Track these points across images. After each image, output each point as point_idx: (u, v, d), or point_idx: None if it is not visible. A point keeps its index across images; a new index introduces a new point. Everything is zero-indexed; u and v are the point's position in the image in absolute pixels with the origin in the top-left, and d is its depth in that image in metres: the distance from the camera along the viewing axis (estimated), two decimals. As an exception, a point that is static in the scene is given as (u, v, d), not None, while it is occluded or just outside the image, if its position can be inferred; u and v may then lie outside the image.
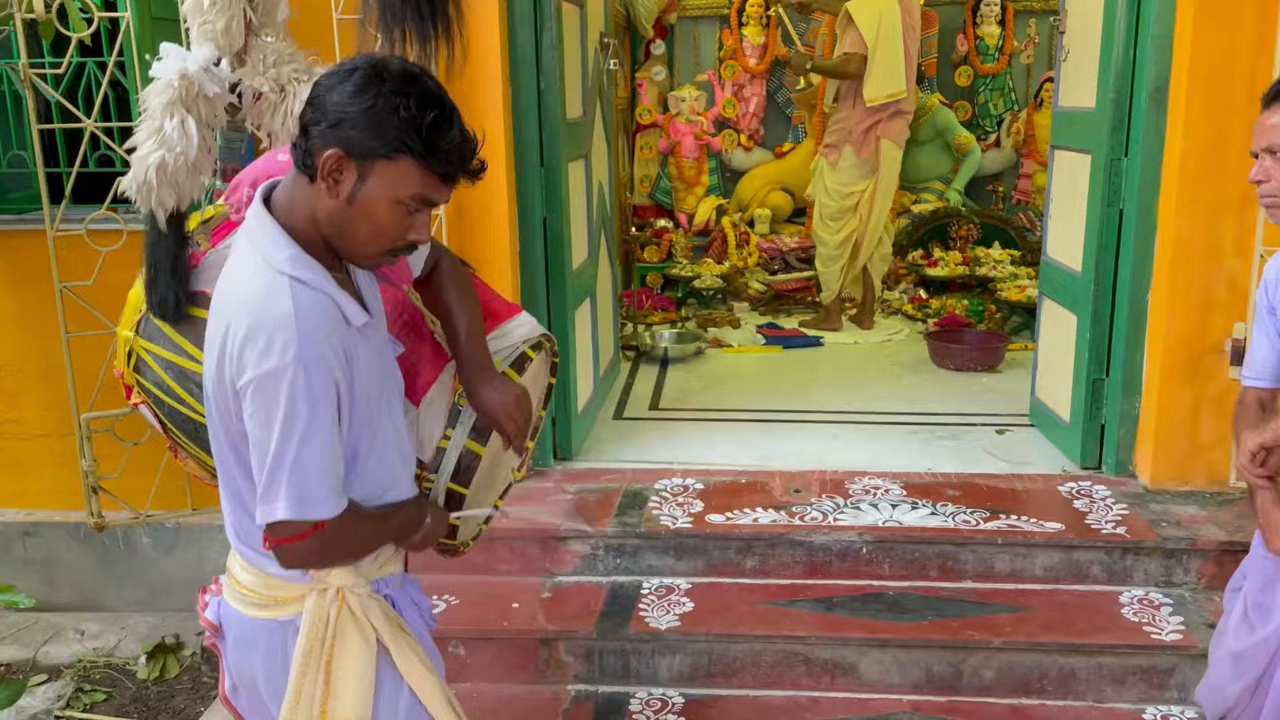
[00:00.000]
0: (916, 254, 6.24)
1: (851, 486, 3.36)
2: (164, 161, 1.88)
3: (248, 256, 1.44)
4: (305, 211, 1.44)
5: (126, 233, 3.08)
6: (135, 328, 1.88)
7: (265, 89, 2.07)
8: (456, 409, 1.74)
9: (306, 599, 1.55)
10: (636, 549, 3.10)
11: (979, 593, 2.98)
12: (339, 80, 1.38)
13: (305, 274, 1.41)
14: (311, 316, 1.38)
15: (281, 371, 1.35)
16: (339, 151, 1.37)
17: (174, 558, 3.62)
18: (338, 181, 1.39)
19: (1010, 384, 4.50)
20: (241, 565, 1.59)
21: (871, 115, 5.07)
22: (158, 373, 1.86)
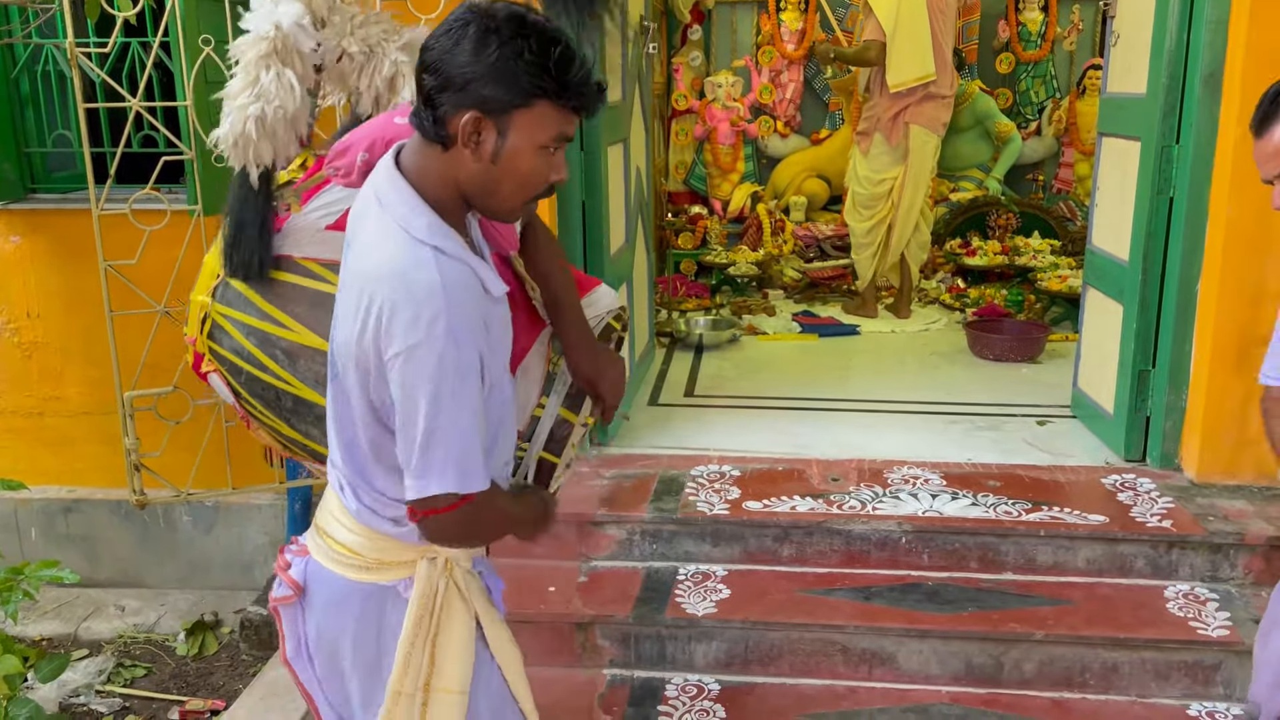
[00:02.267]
0: (955, 243, 6.17)
1: (890, 476, 3.33)
2: (263, 114, 1.83)
3: (382, 223, 1.40)
4: (439, 178, 1.41)
5: (170, 212, 3.10)
6: (212, 293, 1.85)
7: (354, 49, 2.02)
8: (550, 375, 1.70)
9: (418, 565, 1.54)
10: (673, 535, 3.10)
11: (1020, 585, 2.94)
12: (453, 40, 1.34)
13: (445, 243, 1.38)
14: (457, 288, 1.36)
15: (431, 344, 1.33)
16: (476, 113, 1.34)
17: (213, 536, 3.65)
18: (479, 144, 1.36)
19: (1051, 375, 4.45)
20: (347, 526, 1.56)
21: (898, 101, 5.00)
22: (237, 339, 1.82)
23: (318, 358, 1.83)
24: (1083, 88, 6.40)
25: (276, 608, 1.67)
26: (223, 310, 1.84)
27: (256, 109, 1.83)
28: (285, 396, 1.83)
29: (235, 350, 1.83)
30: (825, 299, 5.89)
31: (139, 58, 3.36)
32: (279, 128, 1.86)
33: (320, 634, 1.62)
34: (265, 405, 1.86)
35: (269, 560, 3.64)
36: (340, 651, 1.60)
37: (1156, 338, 3.34)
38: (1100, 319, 3.66)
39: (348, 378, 1.44)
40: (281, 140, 1.88)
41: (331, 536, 1.58)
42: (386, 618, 1.56)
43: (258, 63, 1.85)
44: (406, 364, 1.34)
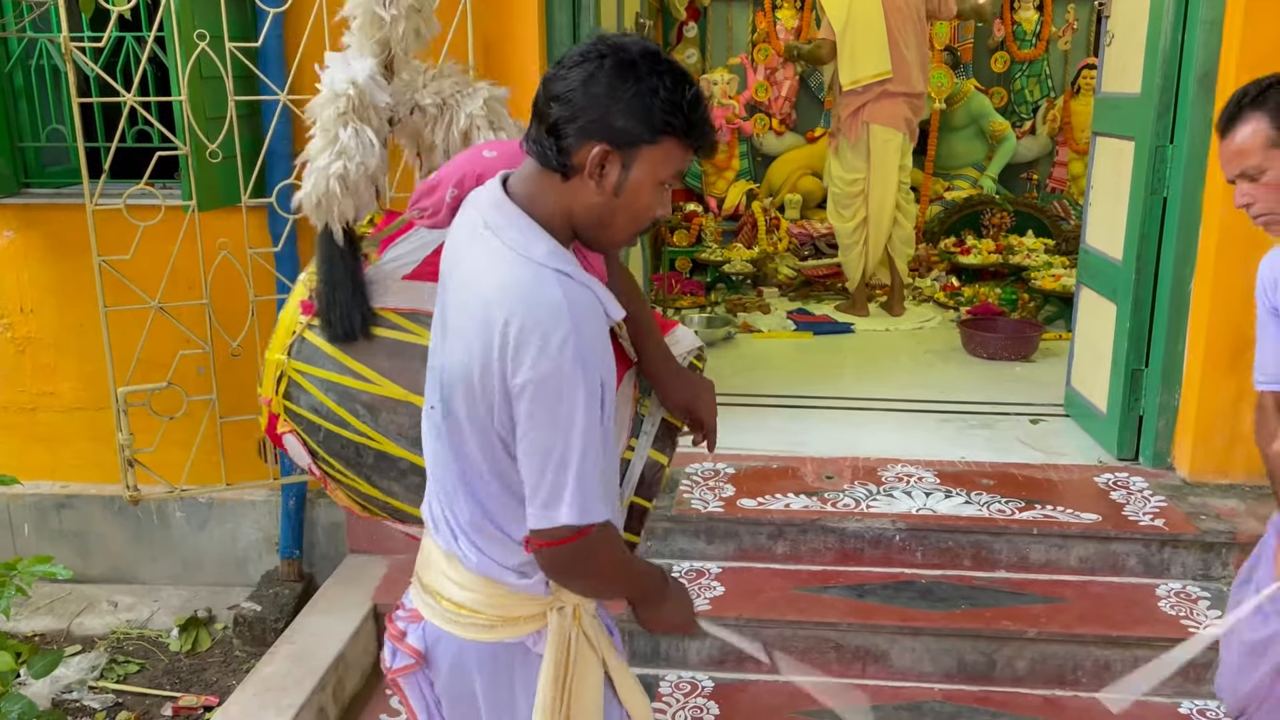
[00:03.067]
0: (949, 241, 6.18)
1: (884, 474, 3.34)
2: (345, 171, 1.82)
3: (493, 248, 1.36)
4: (554, 207, 1.38)
5: (164, 208, 3.08)
6: (288, 350, 1.81)
7: (427, 102, 2.04)
8: (639, 417, 1.64)
9: (549, 617, 1.48)
10: (667, 532, 3.10)
11: (1013, 583, 2.95)
12: (587, 72, 1.33)
13: (568, 267, 1.35)
14: (583, 310, 1.33)
15: (560, 369, 1.29)
16: (606, 146, 1.33)
17: (207, 532, 3.65)
18: (603, 176, 1.35)
19: (1044, 373, 4.46)
20: (463, 583, 1.49)
21: (854, 99, 5.00)
22: (315, 396, 1.78)
23: (400, 410, 1.80)
24: (1077, 87, 6.41)
25: (397, 680, 1.59)
26: (300, 367, 1.81)
27: (338, 167, 1.83)
28: (366, 452, 1.80)
29: (313, 408, 1.80)
30: (820, 297, 5.89)
31: (134, 52, 3.35)
32: (361, 184, 1.87)
33: (455, 698, 1.56)
34: (345, 464, 1.82)
35: (263, 557, 3.63)
36: (477, 711, 1.55)
37: (1149, 337, 3.36)
38: (1093, 318, 3.67)
39: (460, 410, 1.39)
40: (364, 197, 1.88)
41: (446, 597, 1.51)
42: (516, 676, 1.51)
43: (336, 120, 1.85)
44: (537, 389, 1.30)
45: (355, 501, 1.91)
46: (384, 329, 1.81)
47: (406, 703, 1.61)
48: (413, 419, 1.81)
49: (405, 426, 1.81)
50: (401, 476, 1.84)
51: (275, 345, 1.86)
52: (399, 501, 1.87)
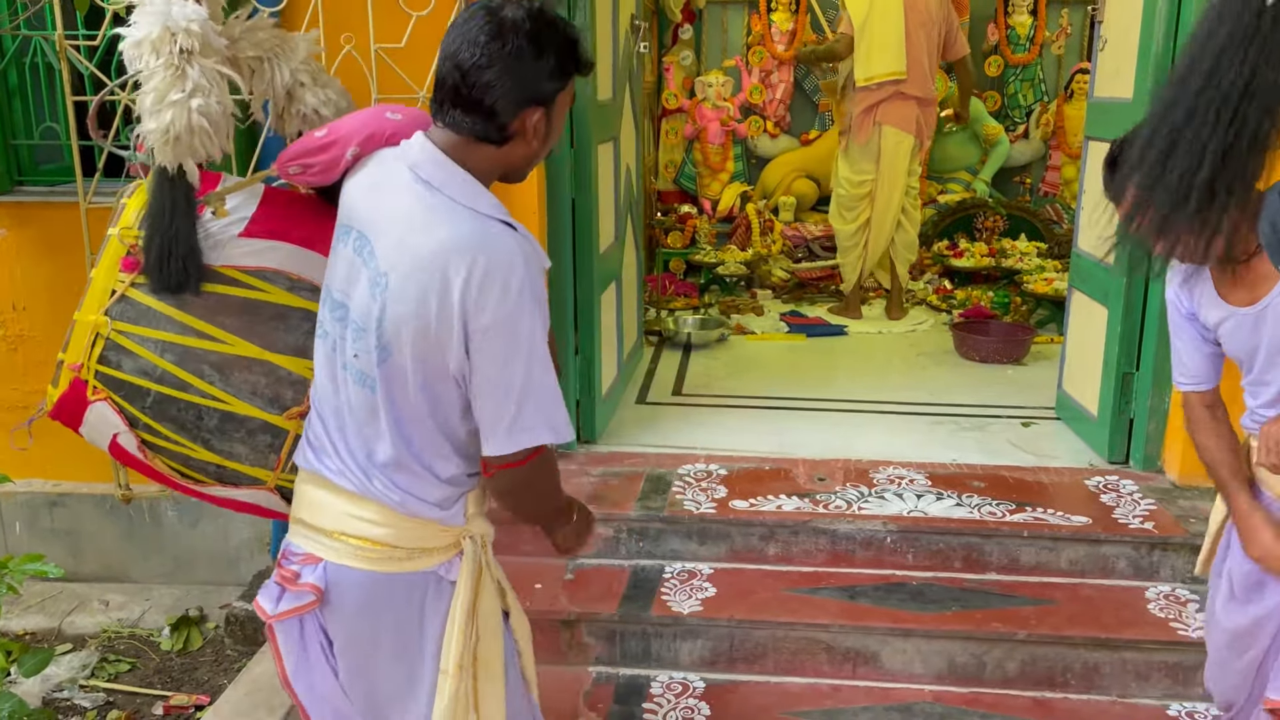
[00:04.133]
0: (942, 244, 6.20)
1: (876, 476, 3.34)
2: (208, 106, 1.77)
3: (436, 203, 1.46)
4: (486, 168, 1.51)
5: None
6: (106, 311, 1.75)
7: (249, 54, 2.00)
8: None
9: (464, 544, 1.58)
10: (660, 533, 3.10)
11: (1003, 585, 2.96)
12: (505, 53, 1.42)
13: (509, 218, 1.48)
14: (532, 256, 1.46)
15: (520, 310, 1.41)
16: (540, 108, 1.47)
17: (198, 531, 3.64)
18: (536, 130, 1.49)
19: (1036, 377, 4.47)
20: (376, 520, 1.55)
21: (866, 98, 4.99)
22: (146, 358, 1.73)
23: (255, 368, 1.79)
24: (1070, 91, 6.43)
25: (272, 626, 1.63)
26: (125, 328, 1.75)
27: (199, 102, 1.77)
28: (209, 414, 1.78)
29: (143, 371, 1.74)
30: (813, 299, 5.90)
31: (128, 51, 3.34)
32: (221, 122, 1.83)
33: (353, 635, 1.60)
34: (178, 428, 1.78)
35: (254, 555, 3.63)
36: (376, 649, 1.60)
37: (1140, 341, 3.37)
38: (1085, 322, 3.68)
39: (405, 356, 1.46)
40: (222, 135, 1.84)
41: (353, 535, 1.56)
42: (428, 602, 1.58)
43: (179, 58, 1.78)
44: (498, 332, 1.41)
45: (175, 469, 1.87)
46: (229, 286, 1.78)
47: (276, 651, 1.65)
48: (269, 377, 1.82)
49: (260, 385, 1.80)
50: (250, 436, 1.82)
51: (88, 306, 1.79)
52: (240, 464, 1.85)
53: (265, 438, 1.88)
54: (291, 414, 1.86)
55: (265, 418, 1.85)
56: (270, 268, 1.83)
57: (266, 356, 1.81)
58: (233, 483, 1.93)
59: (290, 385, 1.85)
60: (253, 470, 1.92)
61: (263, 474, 1.91)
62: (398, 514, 1.55)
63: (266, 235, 1.84)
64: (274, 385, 1.84)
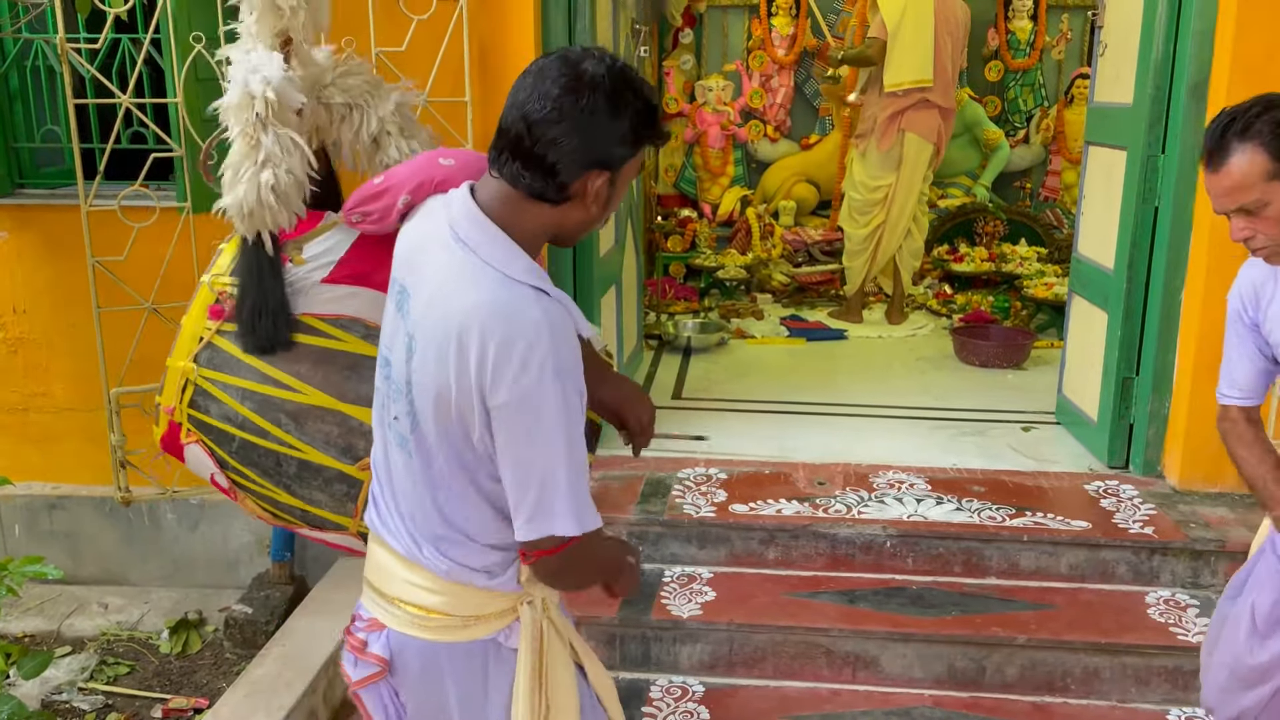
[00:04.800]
0: (942, 249, 6.19)
1: (876, 480, 3.34)
2: (276, 180, 1.77)
3: (467, 263, 1.37)
4: (538, 228, 1.41)
5: (159, 209, 3.09)
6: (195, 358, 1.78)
7: (337, 100, 1.97)
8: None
9: (521, 611, 1.50)
10: (659, 536, 3.10)
11: (1003, 589, 2.96)
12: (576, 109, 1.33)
13: (544, 284, 1.37)
14: (559, 328, 1.34)
15: (543, 386, 1.31)
16: (607, 174, 1.38)
17: (198, 534, 3.64)
18: (598, 195, 1.39)
19: (1036, 381, 4.47)
20: (429, 588, 1.49)
21: (892, 104, 5.01)
22: (229, 405, 1.75)
23: (328, 418, 1.78)
24: (1070, 96, 6.44)
25: (357, 693, 1.60)
26: (211, 375, 1.78)
27: (268, 176, 1.77)
28: (288, 462, 1.78)
29: (226, 417, 1.76)
30: (813, 303, 5.90)
31: (129, 54, 3.35)
32: (292, 191, 1.81)
33: (422, 704, 1.56)
34: (262, 474, 1.79)
35: (254, 559, 3.62)
36: (447, 716, 1.56)
37: (1140, 345, 3.37)
38: (1085, 326, 3.68)
39: (429, 426, 1.39)
40: (295, 204, 1.82)
41: (411, 602, 1.51)
42: (489, 671, 1.52)
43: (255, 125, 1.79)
44: (517, 407, 1.31)
45: (266, 510, 1.88)
46: (307, 336, 1.78)
47: (366, 715, 1.61)
48: (341, 427, 1.80)
49: (333, 435, 1.78)
50: (327, 485, 1.81)
51: (179, 352, 1.81)
52: (322, 510, 1.84)
53: (341, 486, 1.86)
54: (364, 464, 1.83)
55: (340, 467, 1.83)
56: (348, 315, 1.81)
57: (338, 407, 1.80)
58: (318, 526, 1.93)
59: (362, 435, 1.83)
60: (334, 517, 1.90)
61: (344, 520, 1.90)
62: (448, 583, 1.48)
63: (349, 280, 1.81)
64: (346, 435, 1.82)
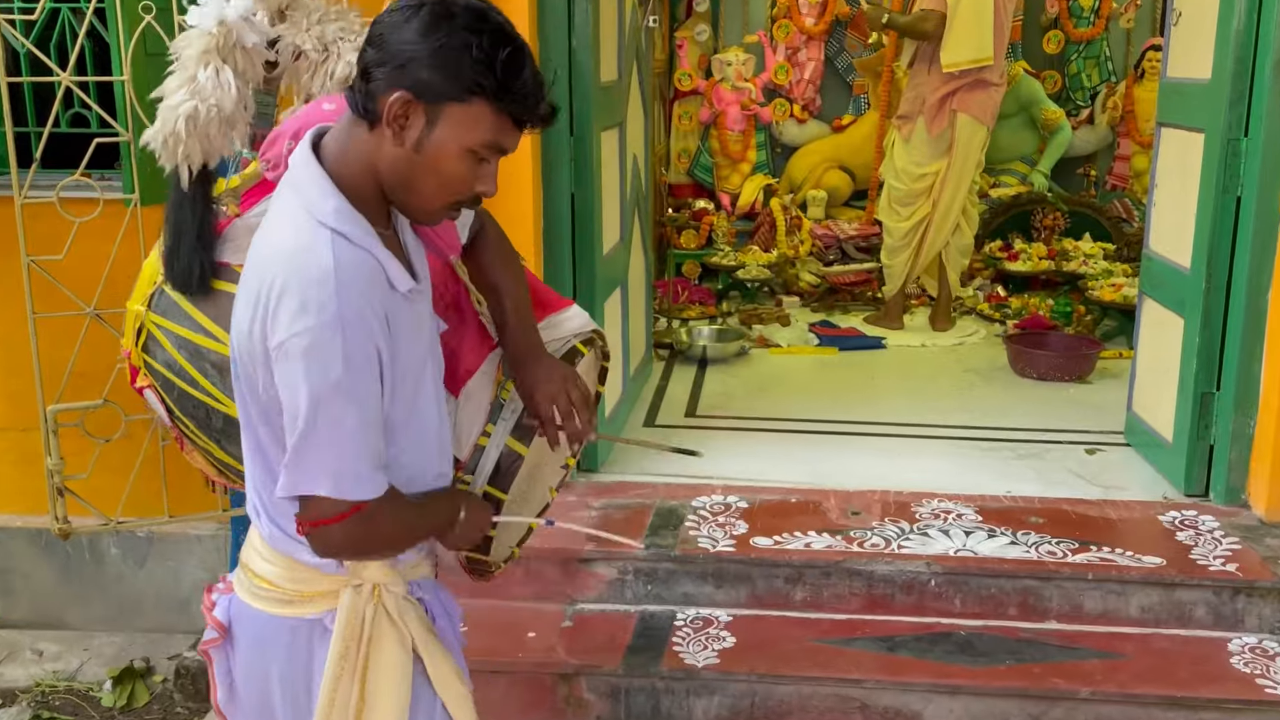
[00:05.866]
0: (994, 245, 6.22)
1: (918, 510, 3.36)
2: (195, 112, 1.91)
3: (289, 207, 1.49)
4: (361, 161, 1.50)
5: (103, 201, 3.12)
6: (148, 301, 1.92)
7: (308, 47, 2.11)
8: (499, 403, 1.77)
9: (341, 595, 1.59)
10: (671, 574, 3.12)
11: (1064, 635, 2.97)
12: (404, 17, 1.43)
13: (349, 228, 1.46)
14: (351, 274, 1.43)
15: (316, 331, 1.40)
16: (407, 94, 1.42)
17: (146, 571, 3.67)
18: (404, 127, 1.45)
19: (1102, 397, 4.49)
20: (264, 555, 1.62)
21: (946, 84, 5.04)
22: (170, 352, 1.89)
23: None
24: (1141, 71, 6.46)
25: (207, 651, 1.73)
26: (157, 321, 1.92)
27: (189, 107, 1.92)
28: (215, 415, 1.90)
29: (168, 364, 1.90)
30: (846, 307, 5.93)
31: (70, 26, 3.39)
32: (211, 127, 1.95)
33: (247, 675, 1.69)
34: (197, 425, 1.92)
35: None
36: (269, 692, 1.66)
37: (1222, 355, 3.38)
38: (1158, 334, 3.70)
39: (241, 375, 1.52)
40: (215, 141, 1.96)
41: (251, 569, 1.65)
42: (314, 654, 1.62)
43: (198, 59, 1.95)
44: (289, 354, 1.41)
45: (212, 465, 2.01)
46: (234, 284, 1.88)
47: (213, 677, 1.74)
48: None
49: None
50: None
51: (136, 295, 1.96)
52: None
53: None
54: None
55: None
56: None
57: None
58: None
59: None
60: None
61: None
62: (275, 550, 1.61)
63: None
64: None
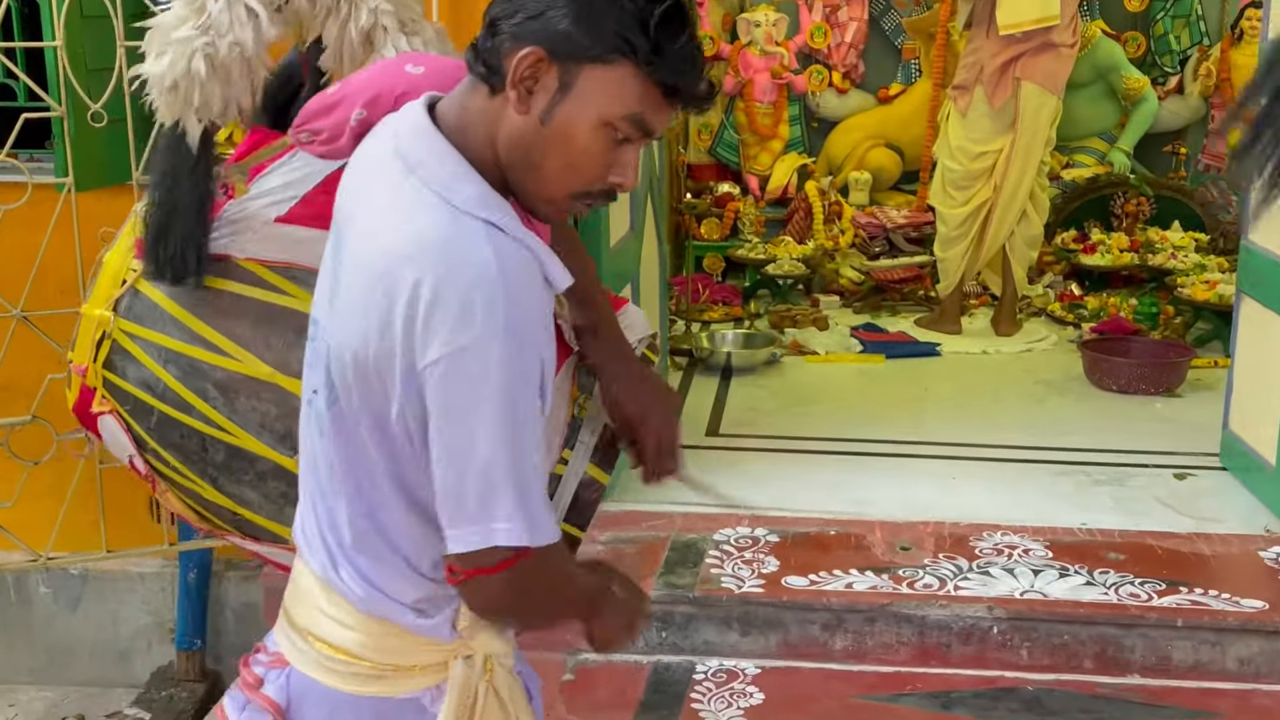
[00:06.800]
0: (1068, 236, 6.20)
1: (978, 545, 3.34)
2: (215, 49, 1.81)
3: (408, 188, 1.39)
4: (482, 134, 1.41)
5: (31, 186, 3.11)
6: (114, 305, 1.83)
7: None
8: (576, 422, 1.67)
9: (452, 667, 1.50)
10: (689, 619, 3.11)
11: (1149, 691, 2.95)
12: None
13: (501, 217, 1.37)
14: (516, 271, 1.34)
15: (485, 343, 1.31)
16: (538, 50, 1.34)
17: (80, 614, 3.66)
18: (531, 91, 1.36)
19: (1194, 413, 4.46)
20: (344, 621, 1.51)
21: (1008, 47, 5.02)
22: (150, 368, 1.80)
23: (265, 394, 1.80)
24: (1239, 32, 6.43)
25: None
26: (130, 329, 1.82)
27: (204, 43, 1.81)
28: (215, 447, 1.82)
29: (145, 384, 1.81)
30: (894, 308, 5.91)
31: (-6, -17, 3.40)
32: (234, 69, 1.85)
33: None
34: (185, 460, 1.83)
35: (153, 647, 3.64)
36: None
37: (1334, 364, 3.36)
38: (1259, 339, 3.68)
39: (352, 398, 1.41)
40: (237, 87, 1.87)
41: (321, 638, 1.52)
42: None
43: None
44: (454, 368, 1.31)
45: (192, 508, 1.92)
46: (248, 286, 1.80)
47: None
48: (281, 407, 1.81)
49: (271, 416, 1.81)
50: (260, 481, 1.83)
51: (97, 296, 1.86)
52: (254, 514, 1.86)
53: (278, 484, 1.88)
54: None
55: (276, 459, 1.85)
56: (302, 265, 1.82)
57: (279, 380, 1.81)
58: (253, 536, 1.95)
59: None
60: (270, 524, 1.92)
61: (282, 530, 1.90)
62: (364, 615, 1.49)
63: (311, 221, 1.81)
64: (287, 417, 1.82)
